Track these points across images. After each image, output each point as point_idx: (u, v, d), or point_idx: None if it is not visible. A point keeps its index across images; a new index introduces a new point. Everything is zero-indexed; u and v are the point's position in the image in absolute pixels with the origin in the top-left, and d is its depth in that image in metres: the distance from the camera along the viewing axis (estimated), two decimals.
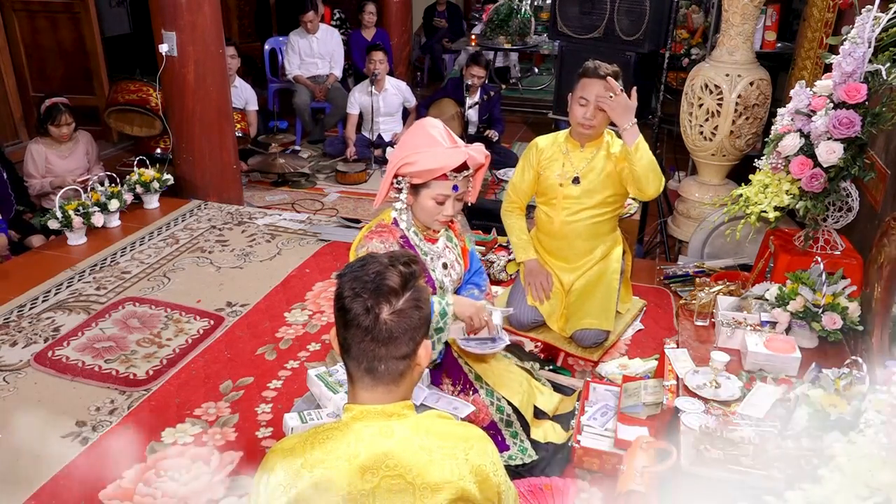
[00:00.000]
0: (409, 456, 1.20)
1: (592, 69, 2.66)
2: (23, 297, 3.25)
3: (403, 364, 1.24)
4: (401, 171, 2.05)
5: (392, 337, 1.21)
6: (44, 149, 4.08)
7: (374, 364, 1.22)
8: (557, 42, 4.90)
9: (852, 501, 1.34)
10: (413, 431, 1.23)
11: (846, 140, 2.31)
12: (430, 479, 1.19)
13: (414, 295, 1.23)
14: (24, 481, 2.19)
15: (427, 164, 2.01)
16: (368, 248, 2.07)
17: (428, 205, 2.09)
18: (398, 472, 1.19)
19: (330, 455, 1.20)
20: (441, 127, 2.12)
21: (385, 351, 1.21)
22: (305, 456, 1.21)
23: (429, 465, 1.20)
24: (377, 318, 1.19)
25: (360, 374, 1.24)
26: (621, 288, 3.02)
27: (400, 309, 1.21)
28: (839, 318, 2.26)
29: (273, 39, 6.36)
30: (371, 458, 1.19)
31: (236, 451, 2.35)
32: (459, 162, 2.03)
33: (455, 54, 7.87)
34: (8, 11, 5.19)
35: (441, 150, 2.03)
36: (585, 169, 2.80)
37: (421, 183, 2.06)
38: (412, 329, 1.22)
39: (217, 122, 4.30)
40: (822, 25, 3.79)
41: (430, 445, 1.22)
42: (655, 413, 2.25)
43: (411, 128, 2.13)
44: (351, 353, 1.24)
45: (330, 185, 5.09)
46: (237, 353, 2.88)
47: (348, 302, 1.21)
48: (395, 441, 1.21)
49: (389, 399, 1.26)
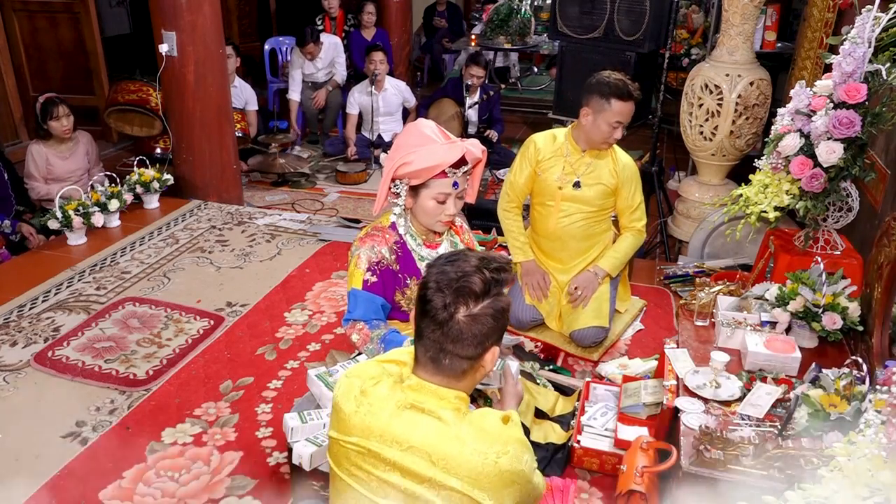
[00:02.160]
0: (442, 442, 1.26)
1: (628, 93, 2.63)
2: (23, 297, 3.25)
3: (467, 364, 1.30)
4: (398, 172, 2.01)
5: (461, 337, 1.27)
6: (44, 149, 4.05)
7: (439, 356, 1.30)
8: (557, 42, 4.90)
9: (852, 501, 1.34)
10: (455, 421, 1.28)
11: (846, 140, 2.31)
12: (452, 467, 1.24)
13: (493, 303, 1.28)
14: (24, 481, 2.19)
15: (425, 162, 1.97)
16: (360, 253, 2.06)
17: (429, 205, 2.05)
18: (426, 451, 1.26)
19: (377, 404, 1.32)
20: (434, 126, 2.09)
21: (452, 347, 1.28)
22: (361, 399, 1.33)
23: (457, 455, 1.25)
24: (452, 317, 1.26)
25: (425, 361, 1.32)
26: (620, 287, 3.03)
27: (475, 314, 1.27)
28: (839, 318, 2.26)
29: (273, 39, 6.36)
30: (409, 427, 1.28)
31: (236, 451, 2.35)
32: (458, 157, 2.00)
33: (455, 54, 7.87)
34: (8, 11, 5.19)
35: (437, 147, 1.99)
36: (586, 174, 2.80)
37: (420, 183, 2.03)
38: (482, 335, 1.28)
39: (217, 122, 4.30)
40: (822, 25, 3.79)
41: (465, 437, 1.27)
42: (655, 413, 2.25)
43: (404, 130, 2.11)
44: (422, 339, 1.31)
45: (330, 185, 5.09)
46: (237, 353, 2.88)
47: (430, 293, 1.28)
48: (437, 424, 1.27)
49: (447, 386, 1.32)
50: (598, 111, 2.68)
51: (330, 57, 5.92)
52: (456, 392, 1.32)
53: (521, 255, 2.95)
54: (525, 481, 1.32)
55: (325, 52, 5.86)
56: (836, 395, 1.83)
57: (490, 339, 1.30)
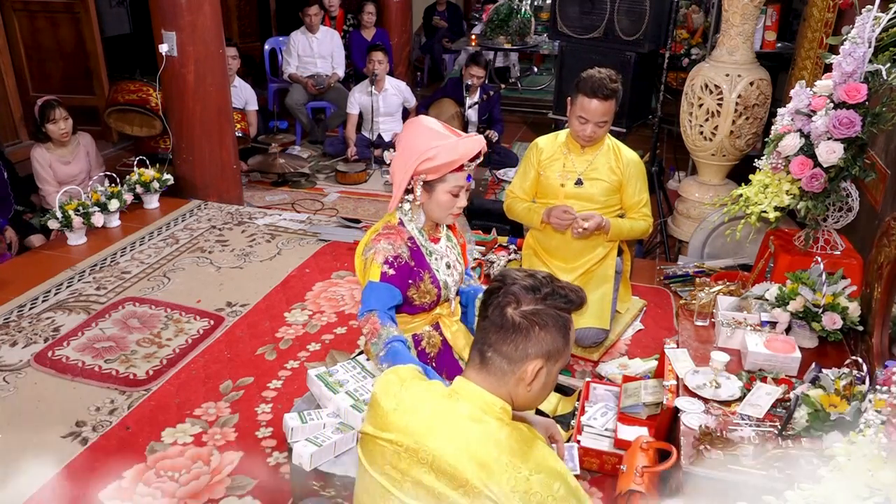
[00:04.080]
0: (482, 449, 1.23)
1: (592, 88, 2.61)
2: (23, 297, 3.25)
3: (507, 364, 1.28)
4: (420, 168, 2.00)
5: (503, 329, 1.26)
6: (47, 154, 4.03)
7: (484, 348, 1.29)
8: (557, 42, 4.90)
9: (852, 501, 1.34)
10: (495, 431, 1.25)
11: (846, 140, 2.31)
12: (482, 480, 1.20)
13: (546, 312, 1.27)
14: (25, 481, 2.19)
15: (447, 157, 1.99)
16: (376, 249, 2.05)
17: (444, 199, 2.07)
18: (466, 455, 1.22)
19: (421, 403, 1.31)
20: (436, 122, 2.11)
21: (493, 338, 1.28)
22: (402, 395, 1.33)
23: (489, 468, 1.21)
24: (500, 307, 1.27)
25: (475, 354, 1.32)
26: (620, 287, 3.03)
27: (523, 311, 1.26)
28: (839, 318, 2.26)
29: (273, 39, 6.36)
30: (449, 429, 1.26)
31: (236, 451, 2.35)
32: (478, 149, 2.05)
33: (455, 54, 7.87)
34: (8, 11, 5.18)
35: (457, 142, 2.01)
36: (587, 171, 2.81)
37: (436, 178, 2.04)
38: (526, 336, 1.26)
39: (217, 122, 4.30)
40: (822, 25, 3.79)
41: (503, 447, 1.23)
42: (655, 413, 2.25)
43: (409, 129, 2.09)
44: (476, 331, 1.34)
45: (330, 185, 5.09)
46: (237, 353, 2.88)
47: (492, 287, 1.31)
48: (479, 429, 1.25)
49: (492, 391, 1.30)
50: (571, 105, 2.73)
51: (329, 49, 5.94)
52: (502, 403, 1.29)
53: (537, 216, 2.86)
54: None
55: (323, 42, 5.89)
56: (836, 395, 1.83)
57: (533, 348, 1.26)
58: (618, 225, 2.82)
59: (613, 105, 2.68)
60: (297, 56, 5.90)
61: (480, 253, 3.60)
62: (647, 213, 2.87)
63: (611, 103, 2.66)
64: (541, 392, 1.32)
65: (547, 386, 1.33)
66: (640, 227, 2.87)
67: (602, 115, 2.67)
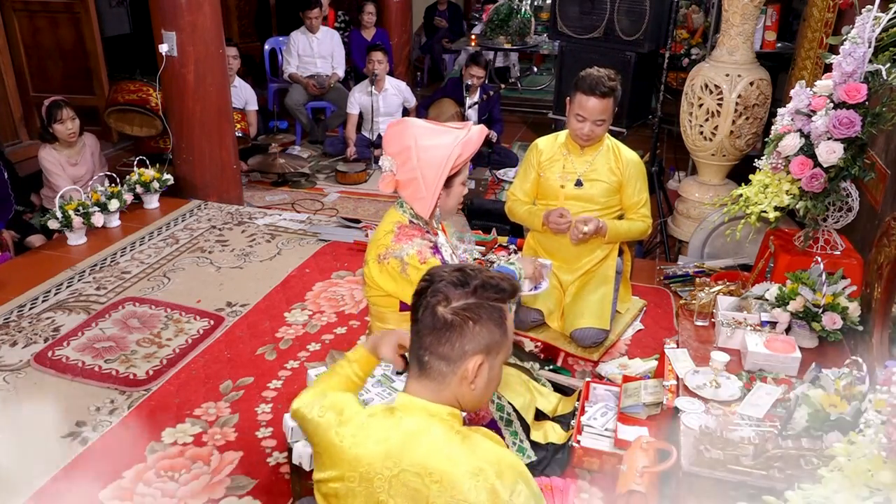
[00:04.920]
0: (435, 461, 1.19)
1: (590, 86, 2.61)
2: (23, 297, 3.25)
3: (446, 366, 1.24)
4: (454, 165, 2.04)
5: (436, 329, 1.22)
6: (56, 155, 4.03)
7: (421, 353, 1.26)
8: (557, 42, 4.90)
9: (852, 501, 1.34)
10: (448, 440, 1.22)
11: (846, 140, 2.31)
12: (445, 490, 1.17)
13: (479, 306, 1.23)
14: (25, 481, 2.19)
15: (469, 151, 2.06)
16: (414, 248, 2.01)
17: (458, 191, 2.15)
18: (417, 472, 1.19)
19: (364, 431, 1.25)
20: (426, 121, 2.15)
21: (429, 341, 1.24)
22: (344, 429, 1.28)
23: (451, 475, 1.18)
24: (430, 306, 1.23)
25: (413, 361, 1.29)
26: (620, 288, 3.03)
27: (455, 308, 1.22)
28: (839, 318, 2.26)
29: (273, 39, 6.37)
30: (398, 449, 1.21)
31: (236, 451, 2.35)
32: (485, 135, 2.11)
33: (455, 54, 7.87)
34: (8, 11, 5.18)
35: (468, 134, 2.06)
36: (587, 172, 2.81)
37: (455, 173, 2.09)
38: (461, 333, 1.22)
39: (217, 122, 4.30)
40: (822, 25, 3.78)
41: (459, 458, 1.20)
42: (655, 413, 2.25)
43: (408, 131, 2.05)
44: (412, 337, 1.29)
45: (330, 185, 5.09)
46: (237, 353, 2.88)
47: (420, 289, 1.27)
48: (428, 442, 1.21)
49: (435, 398, 1.26)
50: (569, 104, 2.73)
51: (329, 49, 5.94)
52: (448, 409, 1.26)
53: (538, 219, 2.86)
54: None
55: (323, 42, 5.90)
56: (836, 395, 1.83)
57: (470, 345, 1.22)
58: (615, 227, 2.81)
59: (611, 103, 2.68)
60: (297, 56, 5.90)
61: (480, 253, 3.61)
62: (645, 214, 2.86)
63: (608, 101, 2.66)
64: (487, 388, 1.28)
65: (492, 381, 1.30)
66: (639, 228, 2.86)
67: (600, 114, 2.66)
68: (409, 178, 2.05)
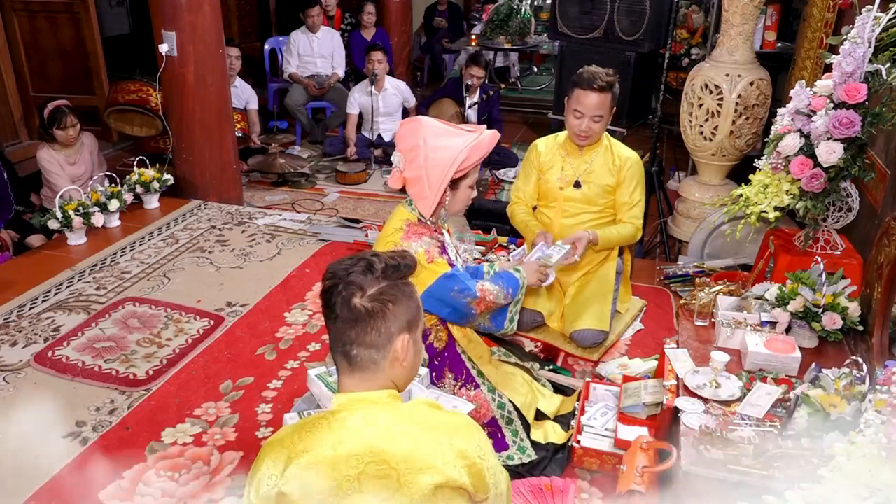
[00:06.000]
0: (393, 443, 1.21)
1: (587, 80, 2.62)
2: (23, 297, 3.25)
3: (377, 353, 1.25)
4: (460, 168, 2.04)
5: (360, 322, 1.23)
6: (55, 154, 4.04)
7: (347, 349, 1.25)
8: (557, 42, 4.90)
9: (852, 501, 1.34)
10: (396, 419, 1.24)
11: (846, 140, 2.31)
12: (414, 465, 1.19)
13: (392, 287, 1.25)
14: (24, 481, 2.19)
15: (478, 155, 2.06)
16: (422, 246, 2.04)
17: (466, 194, 2.15)
18: (382, 458, 1.19)
19: (315, 443, 1.22)
20: (436, 120, 2.14)
21: (355, 335, 1.24)
22: (292, 446, 1.23)
23: (413, 451, 1.20)
24: (347, 302, 1.23)
25: (340, 360, 1.28)
26: (620, 288, 3.03)
27: (372, 295, 1.23)
28: (839, 318, 2.26)
29: (273, 39, 6.37)
30: (355, 445, 1.21)
31: (236, 451, 2.35)
32: (496, 140, 2.10)
33: (455, 54, 7.87)
34: (8, 11, 5.18)
35: (479, 138, 2.06)
36: (586, 173, 2.81)
37: (461, 176, 2.09)
38: (382, 317, 1.23)
39: (217, 122, 4.30)
40: (822, 25, 3.79)
41: (414, 432, 1.23)
42: (655, 413, 2.25)
43: (417, 130, 2.07)
44: (331, 338, 1.28)
45: (330, 185, 5.09)
46: (237, 353, 2.88)
47: (327, 286, 1.26)
48: (379, 428, 1.22)
49: (370, 387, 1.27)
50: (568, 101, 2.73)
51: (330, 49, 5.94)
52: (388, 391, 1.28)
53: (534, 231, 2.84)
54: (488, 454, 1.28)
55: (324, 41, 5.90)
56: (836, 395, 1.83)
57: (394, 325, 1.24)
58: (606, 236, 2.78)
59: (609, 99, 2.67)
60: (297, 56, 5.90)
61: (480, 253, 3.61)
62: (636, 216, 2.82)
63: (606, 96, 2.65)
64: (416, 360, 1.31)
65: (419, 352, 1.33)
66: (627, 232, 2.82)
67: (597, 109, 2.65)
68: (415, 175, 2.06)
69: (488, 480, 1.27)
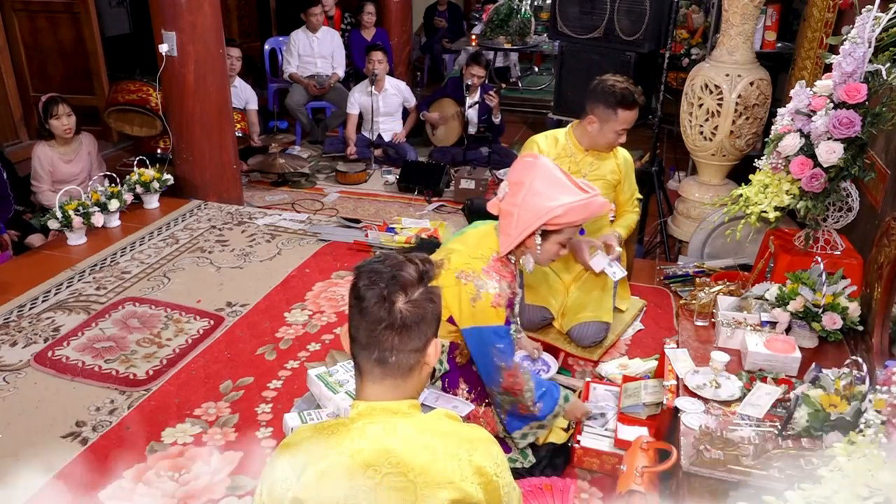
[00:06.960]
0: (412, 455, 1.20)
1: (629, 100, 2.66)
2: (23, 297, 3.25)
3: (413, 358, 1.25)
4: (550, 222, 1.96)
5: (406, 326, 1.22)
6: (49, 151, 4.03)
7: (385, 354, 1.23)
8: (557, 42, 4.90)
9: (852, 501, 1.34)
10: (417, 430, 1.23)
11: (846, 140, 2.31)
12: (432, 479, 1.18)
13: (428, 290, 1.25)
14: (24, 481, 2.19)
15: (576, 217, 1.97)
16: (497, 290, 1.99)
17: (553, 249, 2.05)
18: (400, 471, 1.18)
19: (333, 450, 1.21)
20: (554, 165, 2.07)
21: (398, 341, 1.22)
22: (310, 451, 1.22)
23: (431, 464, 1.19)
24: (392, 307, 1.21)
25: (371, 366, 1.25)
26: (619, 286, 3.03)
27: (415, 300, 1.22)
28: (839, 318, 2.26)
29: (273, 39, 6.37)
30: (374, 455, 1.19)
31: (236, 451, 2.35)
32: (605, 210, 2.05)
33: (455, 54, 7.87)
34: (8, 11, 5.18)
35: (588, 201, 1.98)
36: (591, 172, 2.82)
37: (554, 230, 2.01)
38: (425, 321, 1.24)
39: (217, 122, 4.30)
40: (822, 25, 3.78)
41: (434, 445, 1.22)
42: (655, 413, 2.25)
43: (529, 171, 2.01)
44: (363, 343, 1.24)
45: (330, 185, 5.09)
46: (237, 353, 2.88)
47: (363, 290, 1.23)
48: (399, 439, 1.21)
49: (396, 395, 1.26)
50: (605, 121, 2.72)
51: (330, 49, 5.94)
52: (409, 401, 1.27)
53: None
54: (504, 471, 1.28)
55: (324, 41, 5.89)
56: (836, 395, 1.83)
57: (431, 328, 1.26)
58: (625, 230, 2.94)
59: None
60: (297, 56, 5.90)
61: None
62: (634, 203, 3.00)
63: None
64: (435, 358, 1.31)
65: (437, 350, 1.32)
66: (633, 220, 3.00)
67: (634, 121, 2.76)
68: (508, 210, 2.03)
69: (503, 498, 1.27)
